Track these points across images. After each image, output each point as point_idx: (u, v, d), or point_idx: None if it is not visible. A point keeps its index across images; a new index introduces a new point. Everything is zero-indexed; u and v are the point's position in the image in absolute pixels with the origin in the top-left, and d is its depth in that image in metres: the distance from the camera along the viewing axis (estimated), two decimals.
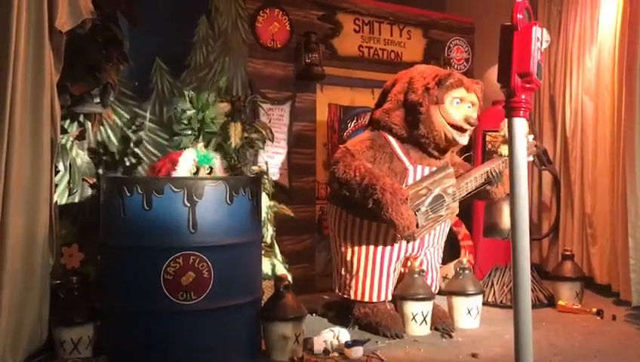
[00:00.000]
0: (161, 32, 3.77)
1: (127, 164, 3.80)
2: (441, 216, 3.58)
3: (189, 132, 3.57)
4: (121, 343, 3.00)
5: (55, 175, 3.21)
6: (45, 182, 2.93)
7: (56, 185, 3.36)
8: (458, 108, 3.57)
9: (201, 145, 3.42)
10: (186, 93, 3.61)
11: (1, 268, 2.69)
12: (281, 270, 3.82)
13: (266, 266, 3.71)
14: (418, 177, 3.59)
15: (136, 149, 3.83)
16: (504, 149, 3.84)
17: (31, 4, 2.77)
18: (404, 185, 3.51)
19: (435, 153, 3.66)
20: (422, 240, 3.65)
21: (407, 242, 3.59)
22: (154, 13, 3.77)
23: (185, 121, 3.59)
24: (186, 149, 3.38)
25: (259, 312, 3.20)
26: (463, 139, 3.64)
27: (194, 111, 3.52)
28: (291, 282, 3.32)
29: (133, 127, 3.80)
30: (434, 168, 3.64)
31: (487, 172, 3.77)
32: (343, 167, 3.49)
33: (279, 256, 3.95)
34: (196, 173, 3.26)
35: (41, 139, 2.88)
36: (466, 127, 3.59)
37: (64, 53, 2.98)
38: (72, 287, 3.07)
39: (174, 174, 3.19)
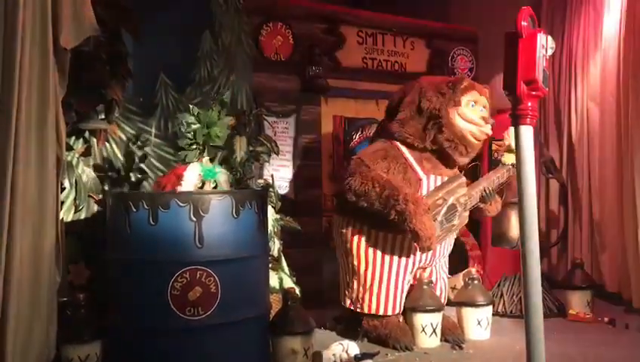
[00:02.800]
0: (166, 48, 3.79)
1: (133, 179, 3.80)
2: (454, 225, 3.57)
3: (194, 146, 3.57)
4: (129, 360, 2.98)
5: (61, 192, 3.20)
6: (51, 199, 2.91)
7: (62, 202, 3.35)
8: (474, 110, 3.60)
9: (206, 159, 3.42)
10: (191, 107, 3.62)
11: (8, 286, 2.67)
12: (289, 283, 3.80)
13: (273, 280, 3.69)
14: (432, 187, 3.59)
15: (141, 165, 3.83)
16: (508, 158, 3.83)
17: (35, 22, 2.78)
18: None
19: (460, 158, 3.67)
20: (434, 251, 3.63)
21: (422, 252, 3.56)
22: (158, 29, 3.79)
23: (190, 136, 3.59)
24: (191, 164, 3.38)
25: (267, 326, 3.17)
26: (487, 129, 3.63)
27: (199, 126, 3.52)
28: (299, 295, 3.30)
29: (139, 142, 3.80)
30: (446, 178, 3.63)
31: (484, 188, 3.74)
32: (360, 178, 3.48)
33: (286, 269, 3.92)
34: (201, 187, 3.26)
35: (47, 156, 2.87)
36: (486, 126, 3.60)
37: (69, 70, 2.99)
38: (79, 304, 3.06)
39: (179, 189, 3.18)
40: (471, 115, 3.57)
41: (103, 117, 3.58)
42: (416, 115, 3.64)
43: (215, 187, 3.30)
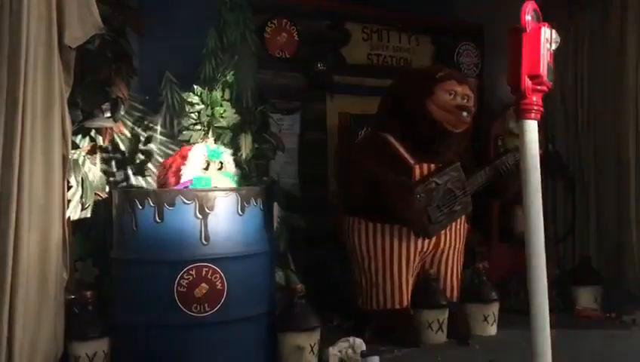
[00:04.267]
0: (171, 46, 3.79)
1: (138, 161, 3.78)
2: (455, 211, 3.56)
3: (199, 127, 3.57)
4: (137, 357, 3.00)
5: (67, 190, 3.22)
6: (58, 198, 2.93)
7: (69, 201, 3.37)
8: (453, 99, 3.58)
9: (211, 140, 3.43)
10: (195, 87, 3.62)
11: (16, 284, 2.69)
12: (295, 280, 3.80)
13: (279, 277, 3.69)
14: (424, 174, 3.58)
15: (146, 146, 3.80)
16: (509, 141, 3.84)
17: (41, 21, 2.80)
18: None
19: (439, 148, 3.64)
20: (437, 239, 3.62)
21: (418, 237, 3.55)
22: (163, 27, 3.79)
23: (194, 116, 3.60)
24: (196, 145, 3.39)
25: (273, 323, 3.18)
26: (465, 117, 3.60)
27: (203, 106, 3.53)
28: (305, 292, 3.30)
29: (144, 124, 3.79)
30: (440, 165, 3.63)
31: (497, 165, 3.75)
32: (348, 170, 3.51)
33: (292, 266, 3.93)
34: (206, 168, 3.26)
35: (53, 155, 2.89)
36: (462, 114, 3.57)
37: (74, 69, 3.00)
38: (86, 302, 3.07)
39: (184, 169, 3.19)
40: (446, 104, 3.55)
41: (108, 115, 3.59)
42: (395, 107, 3.64)
43: (220, 168, 3.30)
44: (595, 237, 4.79)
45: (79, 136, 3.53)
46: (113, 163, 3.64)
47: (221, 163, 3.33)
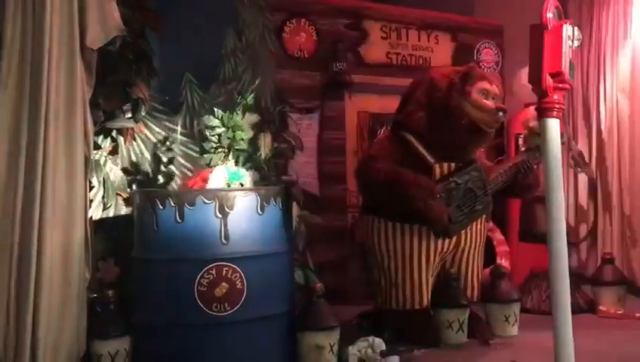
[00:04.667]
0: (190, 46, 3.81)
1: (160, 182, 3.83)
2: (476, 210, 3.54)
3: (220, 150, 3.60)
4: (158, 355, 3.01)
5: (89, 190, 3.26)
6: (80, 198, 2.97)
7: (91, 201, 3.41)
8: (486, 98, 3.57)
9: (231, 162, 3.45)
10: (215, 111, 3.65)
11: (40, 284, 2.74)
12: (314, 279, 3.80)
13: (298, 276, 3.70)
14: (444, 173, 3.55)
15: (168, 167, 3.84)
16: (532, 140, 3.80)
17: (63, 23, 2.84)
18: None
19: (471, 148, 3.64)
20: (458, 238, 3.60)
21: (438, 238, 3.53)
22: (182, 27, 3.82)
23: (214, 139, 3.62)
24: (217, 167, 3.42)
25: (293, 323, 3.19)
26: (500, 116, 3.59)
27: (224, 129, 3.56)
28: (324, 291, 3.30)
29: (166, 145, 3.83)
30: (460, 164, 3.60)
31: (518, 164, 3.72)
32: (367, 170, 3.50)
33: (311, 265, 3.93)
34: None
35: (75, 156, 2.93)
36: (498, 114, 3.57)
37: (95, 70, 3.04)
38: (108, 301, 3.10)
39: None
40: (482, 104, 3.53)
41: (129, 116, 3.63)
42: (426, 106, 3.62)
43: None
44: (618, 237, 4.74)
45: (100, 137, 3.57)
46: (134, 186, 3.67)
47: (242, 185, 3.36)
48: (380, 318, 3.74)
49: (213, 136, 3.63)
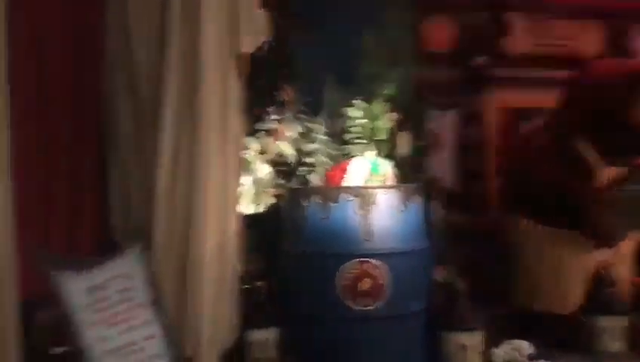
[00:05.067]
0: (332, 48, 3.91)
1: (302, 173, 3.97)
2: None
3: (360, 141, 3.65)
4: (304, 346, 3.14)
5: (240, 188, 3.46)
6: (233, 195, 3.17)
7: (242, 197, 3.61)
8: None
9: (372, 153, 3.49)
10: (356, 102, 3.71)
11: (199, 278, 2.94)
12: (454, 278, 3.74)
13: (438, 274, 3.66)
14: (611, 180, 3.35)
15: (308, 159, 3.98)
16: None
17: (221, 32, 3.03)
18: None
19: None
20: (618, 247, 3.39)
21: (597, 249, 3.34)
22: (325, 29, 3.93)
23: (355, 130, 3.68)
24: (356, 158, 3.47)
25: (430, 320, 3.18)
26: None
27: (366, 120, 3.61)
28: (465, 291, 3.25)
29: (308, 138, 3.96)
30: (627, 170, 3.38)
31: None
32: (525, 170, 3.38)
33: (451, 263, 3.87)
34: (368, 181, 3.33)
35: (228, 156, 3.12)
36: None
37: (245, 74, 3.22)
38: (258, 292, 3.28)
39: (345, 182, 3.28)
40: None
41: (276, 117, 3.81)
42: (587, 110, 3.41)
43: (383, 181, 3.36)
44: None
45: (250, 138, 3.78)
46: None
47: (384, 175, 3.38)
48: (526, 321, 3.61)
49: (353, 127, 3.70)
